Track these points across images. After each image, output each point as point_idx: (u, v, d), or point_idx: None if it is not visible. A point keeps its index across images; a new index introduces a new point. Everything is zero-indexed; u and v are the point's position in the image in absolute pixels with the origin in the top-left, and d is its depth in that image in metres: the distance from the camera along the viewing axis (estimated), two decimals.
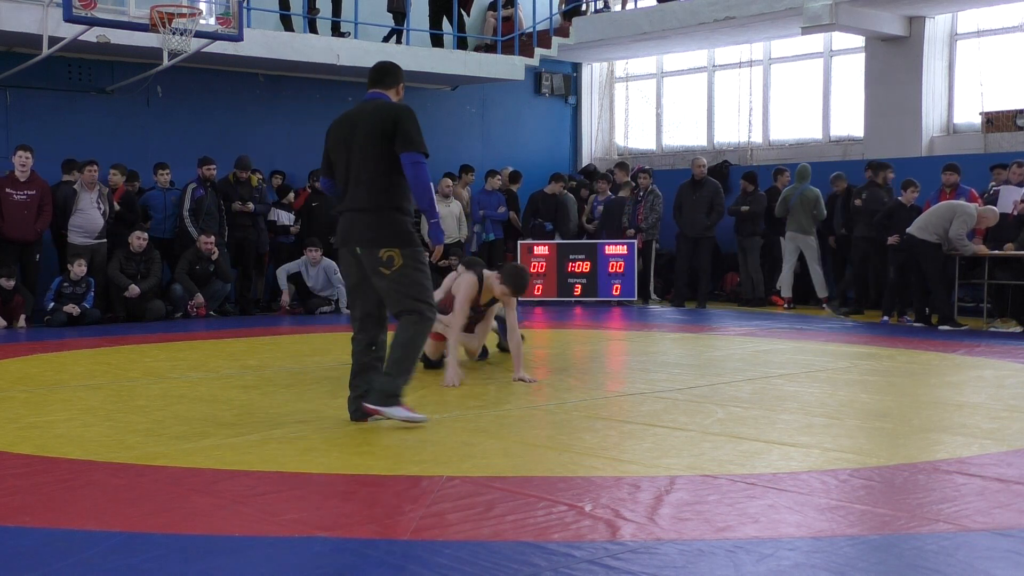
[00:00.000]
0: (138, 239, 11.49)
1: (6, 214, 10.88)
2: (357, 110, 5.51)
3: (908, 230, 10.93)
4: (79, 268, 10.96)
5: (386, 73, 5.57)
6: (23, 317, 10.73)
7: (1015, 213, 11.19)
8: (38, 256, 11.28)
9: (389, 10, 14.56)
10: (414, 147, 5.26)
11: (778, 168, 14.19)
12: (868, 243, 12.49)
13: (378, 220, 5.33)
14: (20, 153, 11.02)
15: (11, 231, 10.93)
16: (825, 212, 13.18)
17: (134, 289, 11.31)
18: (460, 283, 7.03)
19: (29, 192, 10.97)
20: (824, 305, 12.86)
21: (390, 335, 5.47)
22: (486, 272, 7.14)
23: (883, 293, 12.65)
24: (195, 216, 12.09)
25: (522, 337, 7.15)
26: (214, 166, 12.26)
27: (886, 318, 11.45)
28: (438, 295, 6.90)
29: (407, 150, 5.26)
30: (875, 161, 12.99)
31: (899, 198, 11.79)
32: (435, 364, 7.35)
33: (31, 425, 5.45)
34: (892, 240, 11.38)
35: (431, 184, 5.38)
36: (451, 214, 13.92)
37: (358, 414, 5.46)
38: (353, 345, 5.56)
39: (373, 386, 5.35)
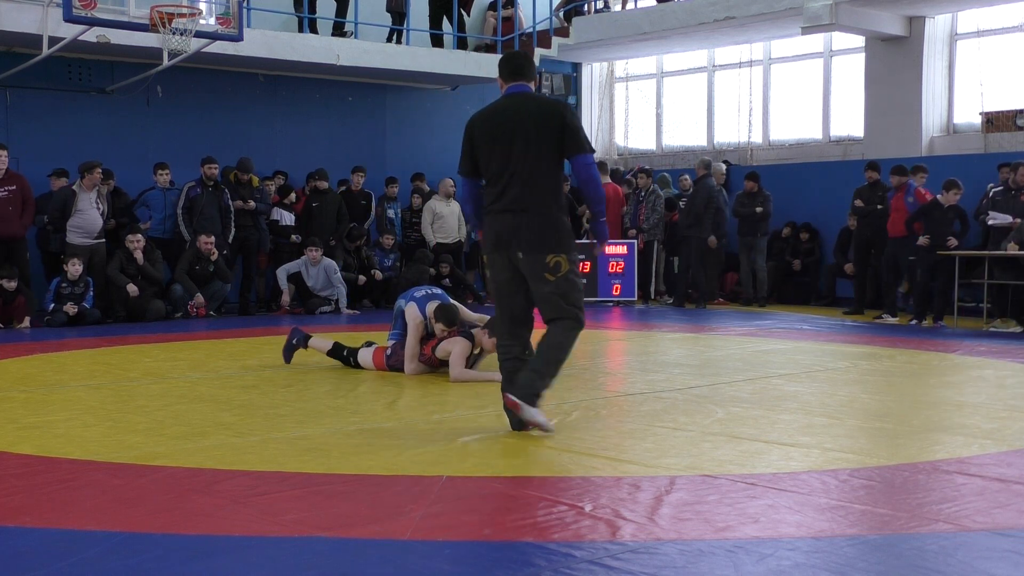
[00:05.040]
0: (135, 242, 11.47)
1: None
2: (511, 105, 5.18)
3: None
4: (74, 268, 10.92)
5: (528, 63, 5.33)
6: (28, 319, 10.69)
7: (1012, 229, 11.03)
8: (28, 255, 11.23)
9: (388, 10, 14.56)
10: (586, 149, 5.08)
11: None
12: (867, 244, 12.50)
13: (545, 223, 5.08)
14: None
15: None
16: None
17: (133, 288, 11.30)
18: (455, 344, 7.05)
19: (10, 188, 10.91)
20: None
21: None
22: (475, 331, 7.17)
23: (880, 294, 12.67)
24: (188, 215, 12.09)
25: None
26: (215, 165, 12.23)
27: (913, 321, 11.36)
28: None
29: (580, 152, 5.06)
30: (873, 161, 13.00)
31: (938, 197, 11.35)
32: None
33: (31, 425, 5.44)
34: (923, 241, 11.19)
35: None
36: (452, 214, 13.94)
37: (521, 423, 5.22)
38: (504, 352, 5.32)
39: (517, 380, 5.09)
